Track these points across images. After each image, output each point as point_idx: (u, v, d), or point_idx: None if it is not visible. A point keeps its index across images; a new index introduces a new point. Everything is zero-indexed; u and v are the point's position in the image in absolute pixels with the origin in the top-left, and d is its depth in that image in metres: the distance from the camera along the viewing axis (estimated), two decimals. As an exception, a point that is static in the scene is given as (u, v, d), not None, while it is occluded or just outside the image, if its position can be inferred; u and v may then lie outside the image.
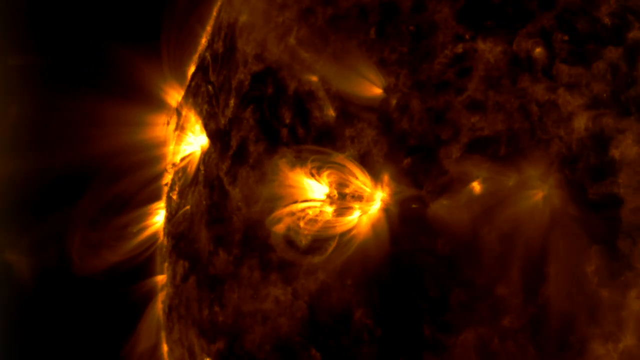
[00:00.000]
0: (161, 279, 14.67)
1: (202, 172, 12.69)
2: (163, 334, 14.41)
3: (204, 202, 12.29)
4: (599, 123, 8.60)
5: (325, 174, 10.09)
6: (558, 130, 8.75)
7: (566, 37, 8.97)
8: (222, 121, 12.03)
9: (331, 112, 10.22)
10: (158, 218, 15.08)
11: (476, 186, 8.99)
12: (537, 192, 8.75)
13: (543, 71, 8.94)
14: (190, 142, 13.75)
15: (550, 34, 9.02)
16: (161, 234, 14.96)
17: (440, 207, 9.14)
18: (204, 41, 14.09)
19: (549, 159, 8.71)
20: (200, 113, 13.11)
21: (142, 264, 15.11)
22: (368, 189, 9.75)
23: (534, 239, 8.65)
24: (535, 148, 8.75)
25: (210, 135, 12.53)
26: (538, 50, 9.03)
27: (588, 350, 8.47)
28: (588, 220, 8.48)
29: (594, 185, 8.54)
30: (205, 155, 12.72)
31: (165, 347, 14.37)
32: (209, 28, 14.01)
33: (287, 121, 10.70)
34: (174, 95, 14.81)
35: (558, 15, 9.07)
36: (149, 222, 15.15)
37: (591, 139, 8.62)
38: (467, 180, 9.03)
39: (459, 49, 9.39)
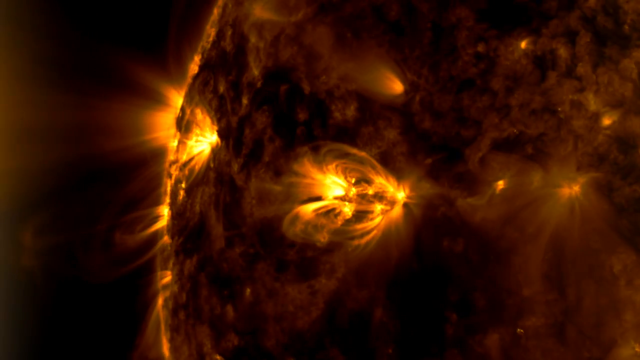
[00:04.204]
0: (165, 277, 14.52)
1: (213, 170, 12.52)
2: (167, 333, 14.27)
3: (216, 201, 12.14)
4: (625, 123, 8.62)
5: (345, 172, 9.99)
6: (584, 130, 8.75)
7: (590, 37, 8.97)
8: (235, 119, 11.87)
9: (350, 111, 10.13)
10: (162, 217, 14.94)
11: (501, 186, 8.97)
12: (564, 191, 8.76)
13: (568, 71, 8.93)
14: (198, 141, 13.58)
15: (575, 34, 9.02)
16: (164, 233, 14.81)
17: (464, 207, 9.10)
18: (208, 40, 13.92)
19: (575, 159, 8.71)
20: (209, 112, 12.94)
21: (144, 263, 14.99)
22: (390, 188, 9.68)
23: (560, 238, 8.65)
24: (562, 148, 8.75)
25: (221, 133, 12.36)
26: (562, 49, 9.02)
27: (614, 349, 8.50)
28: (616, 220, 8.50)
29: (621, 185, 8.55)
30: (216, 154, 12.55)
31: (169, 346, 14.24)
32: (212, 27, 13.84)
33: (304, 119, 10.58)
34: (177, 95, 14.67)
35: (582, 15, 9.07)
36: (152, 221, 15.01)
37: (618, 138, 8.64)
38: (492, 180, 9.01)
39: (482, 47, 9.35)
